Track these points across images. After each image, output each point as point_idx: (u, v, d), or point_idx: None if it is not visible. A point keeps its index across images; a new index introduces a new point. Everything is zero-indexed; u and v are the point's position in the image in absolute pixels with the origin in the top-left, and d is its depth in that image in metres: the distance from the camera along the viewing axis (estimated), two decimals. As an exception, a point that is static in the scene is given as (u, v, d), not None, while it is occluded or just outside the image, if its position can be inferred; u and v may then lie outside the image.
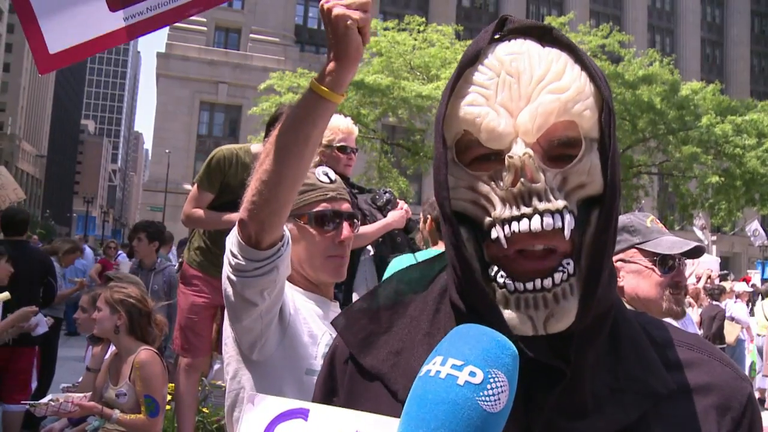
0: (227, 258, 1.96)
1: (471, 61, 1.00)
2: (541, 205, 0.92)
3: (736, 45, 61.03)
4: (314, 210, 2.27)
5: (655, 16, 58.74)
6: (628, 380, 0.98)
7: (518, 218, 0.93)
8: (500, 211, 0.95)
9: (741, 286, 14.89)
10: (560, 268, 0.94)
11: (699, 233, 23.26)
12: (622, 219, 2.68)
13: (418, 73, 26.41)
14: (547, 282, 0.93)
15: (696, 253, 2.66)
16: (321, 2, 1.72)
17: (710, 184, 27.47)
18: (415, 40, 26.45)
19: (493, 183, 0.97)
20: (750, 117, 27.34)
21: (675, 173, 29.31)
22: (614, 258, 2.56)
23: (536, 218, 0.92)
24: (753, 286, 17.35)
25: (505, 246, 0.94)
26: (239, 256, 1.90)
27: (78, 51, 1.95)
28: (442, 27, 27.70)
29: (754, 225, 26.78)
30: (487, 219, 0.97)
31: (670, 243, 2.64)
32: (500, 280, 0.95)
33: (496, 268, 0.96)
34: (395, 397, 1.02)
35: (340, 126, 4.01)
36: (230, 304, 2.02)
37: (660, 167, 30.49)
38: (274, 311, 2.06)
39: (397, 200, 4.24)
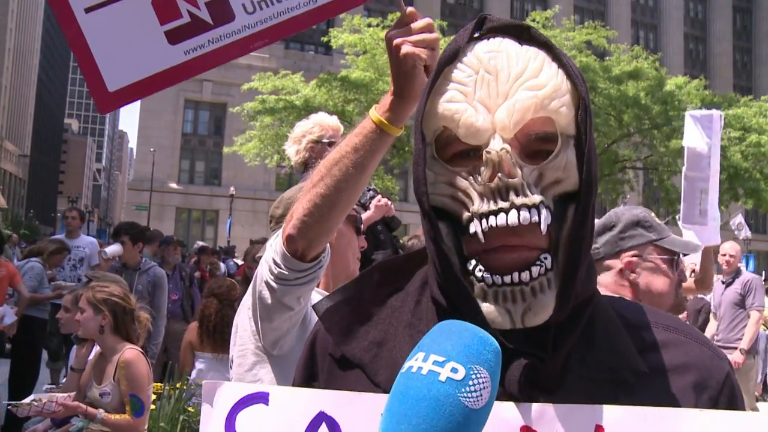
0: (269, 264, 2.02)
1: (450, 58, 1.02)
2: (518, 200, 0.94)
3: (718, 40, 61.44)
4: (355, 215, 2.51)
5: (638, 12, 59.04)
6: (598, 370, 1.00)
7: (495, 212, 0.95)
8: (478, 205, 0.96)
9: (726, 280, 15.00)
10: (538, 262, 0.95)
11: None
12: (636, 213, 2.69)
13: (403, 70, 26.39)
14: (525, 275, 0.95)
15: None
16: (388, 34, 1.74)
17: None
18: (400, 36, 26.42)
19: (471, 178, 0.98)
20: (734, 112, 27.56)
21: (660, 168, 29.48)
22: (630, 252, 2.57)
23: (513, 212, 0.94)
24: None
25: (483, 240, 0.95)
26: (282, 266, 1.97)
27: (139, 88, 1.83)
28: (426, 23, 27.65)
29: (738, 219, 26.92)
30: (466, 214, 0.98)
31: (682, 243, 2.71)
32: (478, 274, 0.97)
33: (474, 262, 0.98)
34: (378, 387, 1.03)
35: (330, 123, 4.03)
36: (265, 306, 2.10)
37: (645, 162, 30.65)
38: (303, 313, 2.16)
39: (380, 195, 4.23)
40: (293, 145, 3.96)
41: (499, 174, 0.94)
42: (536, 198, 0.95)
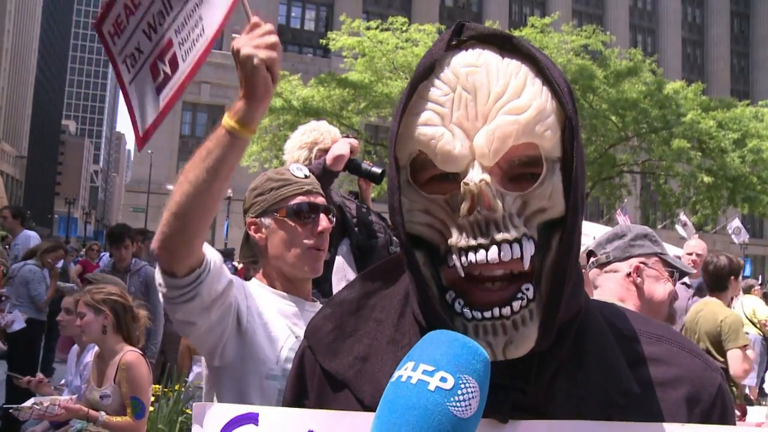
0: (158, 285, 2.02)
1: (425, 73, 0.94)
2: (499, 236, 0.89)
3: (716, 45, 61.46)
4: (291, 203, 2.30)
5: (636, 16, 59.06)
6: (587, 388, 0.97)
7: (475, 248, 0.89)
8: (456, 239, 0.91)
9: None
10: (519, 295, 0.91)
11: (682, 231, 23.38)
12: (644, 228, 2.90)
13: (401, 73, 26.43)
14: (506, 310, 0.90)
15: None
16: (233, 43, 1.80)
17: (693, 183, 27.68)
18: (398, 39, 26.45)
19: (449, 208, 0.92)
20: (731, 114, 27.63)
21: (658, 172, 29.48)
22: (638, 260, 2.74)
23: (493, 249, 0.88)
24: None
25: (462, 275, 0.91)
26: (162, 284, 1.96)
27: (149, 130, 2.59)
28: (425, 26, 27.69)
29: (735, 223, 27.02)
30: (444, 245, 0.93)
31: (681, 263, 2.91)
32: (457, 308, 0.92)
33: (453, 295, 0.93)
34: (362, 404, 1.01)
35: (338, 136, 4.02)
36: (174, 324, 2.10)
37: (642, 166, 30.63)
38: (224, 323, 2.09)
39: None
40: (300, 151, 3.92)
41: (478, 207, 0.88)
42: (518, 233, 0.89)
